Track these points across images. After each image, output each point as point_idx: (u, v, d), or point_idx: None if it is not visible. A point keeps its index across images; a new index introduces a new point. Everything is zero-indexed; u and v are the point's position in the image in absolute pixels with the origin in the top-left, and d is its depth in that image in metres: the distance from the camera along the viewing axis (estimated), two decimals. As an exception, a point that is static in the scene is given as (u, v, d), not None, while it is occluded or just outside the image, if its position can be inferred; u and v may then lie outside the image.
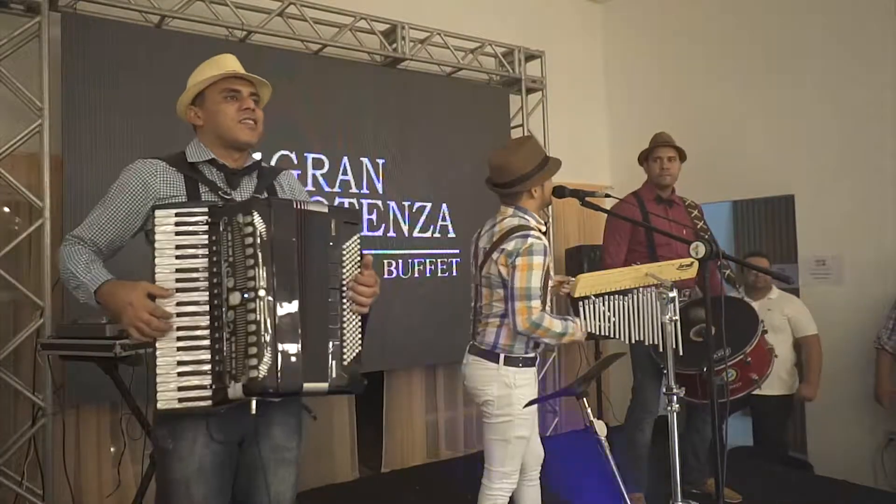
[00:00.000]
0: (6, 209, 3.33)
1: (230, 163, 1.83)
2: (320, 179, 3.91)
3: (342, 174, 4.00)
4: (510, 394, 2.41)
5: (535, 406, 2.46)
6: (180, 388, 1.56)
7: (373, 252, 4.13)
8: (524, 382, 2.44)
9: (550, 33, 5.31)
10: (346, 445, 4.17)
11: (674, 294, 2.27)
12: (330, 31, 4.05)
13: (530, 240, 2.35)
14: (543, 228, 2.51)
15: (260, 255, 1.58)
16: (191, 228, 1.61)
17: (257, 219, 1.59)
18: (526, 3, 5.30)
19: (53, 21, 3.19)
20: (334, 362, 1.66)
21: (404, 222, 4.24)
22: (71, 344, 2.60)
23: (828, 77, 4.21)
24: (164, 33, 3.53)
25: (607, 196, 3.01)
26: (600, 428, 2.08)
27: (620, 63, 5.70)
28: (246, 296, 1.57)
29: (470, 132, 4.51)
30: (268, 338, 1.55)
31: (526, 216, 2.47)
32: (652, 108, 5.25)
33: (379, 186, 4.14)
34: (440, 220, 4.39)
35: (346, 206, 3.86)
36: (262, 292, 1.56)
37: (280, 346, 1.56)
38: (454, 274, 4.38)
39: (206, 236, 1.62)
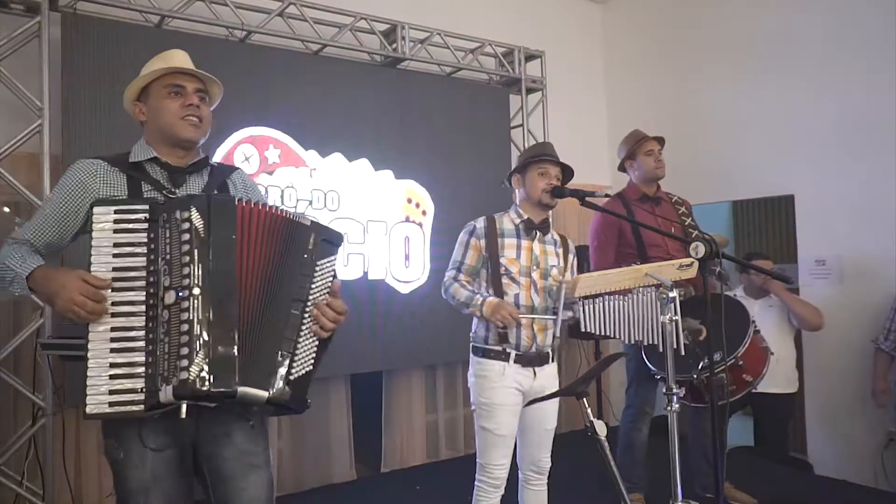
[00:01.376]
0: (6, 209, 3.33)
1: (174, 161, 1.77)
2: (320, 179, 3.92)
3: (342, 174, 4.00)
4: (473, 382, 2.54)
5: (512, 403, 2.45)
6: (112, 392, 1.49)
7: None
8: (484, 373, 2.50)
9: (550, 33, 5.31)
10: (344, 446, 4.17)
11: (674, 294, 2.27)
12: (330, 31, 4.05)
13: (469, 222, 2.63)
14: (518, 221, 2.59)
15: (197, 251, 1.52)
16: (130, 226, 1.56)
17: (195, 215, 1.54)
18: (526, 3, 5.30)
19: (53, 21, 3.19)
20: (280, 371, 1.58)
21: (404, 222, 4.24)
22: (71, 344, 2.60)
23: (828, 77, 4.21)
24: (164, 33, 3.53)
25: (607, 196, 3.01)
26: (600, 428, 2.07)
27: (620, 63, 5.70)
28: (180, 294, 1.51)
29: (470, 132, 4.51)
30: (200, 338, 1.49)
31: (510, 209, 2.66)
32: (652, 108, 5.25)
33: (379, 186, 4.14)
34: (440, 219, 4.38)
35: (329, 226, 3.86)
36: (196, 290, 1.50)
37: (213, 347, 1.49)
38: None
39: (145, 234, 1.56)
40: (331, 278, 1.71)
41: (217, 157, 3.48)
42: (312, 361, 1.65)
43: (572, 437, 2.70)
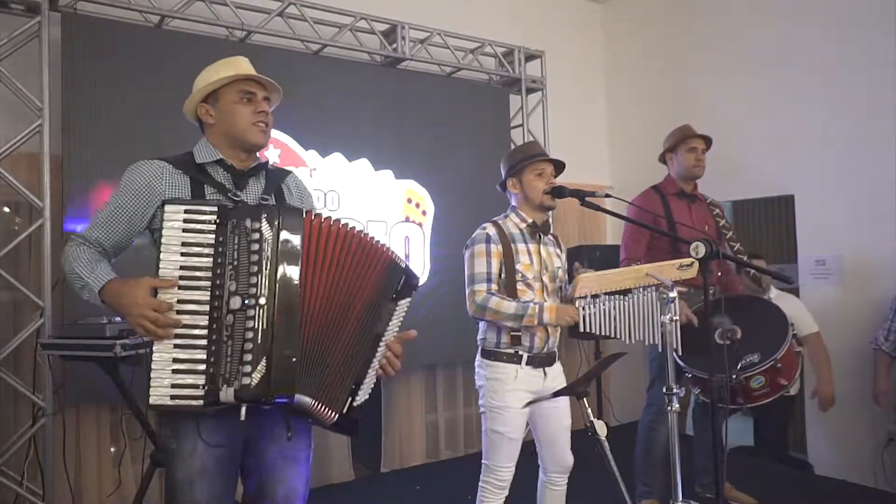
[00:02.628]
0: (6, 209, 3.33)
1: (237, 163, 1.82)
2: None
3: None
4: (484, 385, 2.52)
5: (521, 406, 2.45)
6: (173, 385, 1.55)
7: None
8: (496, 376, 2.48)
9: (550, 33, 5.31)
10: (343, 446, 4.17)
11: (674, 294, 2.27)
12: (330, 31, 4.05)
13: (476, 231, 2.55)
14: (523, 225, 2.57)
15: (265, 262, 1.58)
16: (199, 227, 1.60)
17: (265, 226, 1.59)
18: (526, 3, 5.30)
19: (53, 21, 3.19)
20: (350, 399, 1.70)
21: (404, 222, 4.24)
22: (71, 344, 2.60)
23: (828, 77, 4.21)
24: (164, 33, 3.53)
25: (607, 196, 3.00)
26: (600, 428, 2.07)
27: (620, 63, 5.70)
28: (247, 301, 1.56)
29: (470, 132, 4.51)
30: (264, 347, 1.55)
31: (509, 213, 2.62)
32: (652, 108, 5.25)
33: (379, 186, 4.14)
34: (440, 219, 4.38)
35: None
36: (262, 300, 1.56)
37: (276, 356, 1.56)
38: (454, 274, 4.37)
39: (213, 236, 1.60)
40: (403, 317, 1.84)
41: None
42: (371, 390, 1.78)
43: (572, 437, 2.68)
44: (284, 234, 1.61)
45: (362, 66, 4.22)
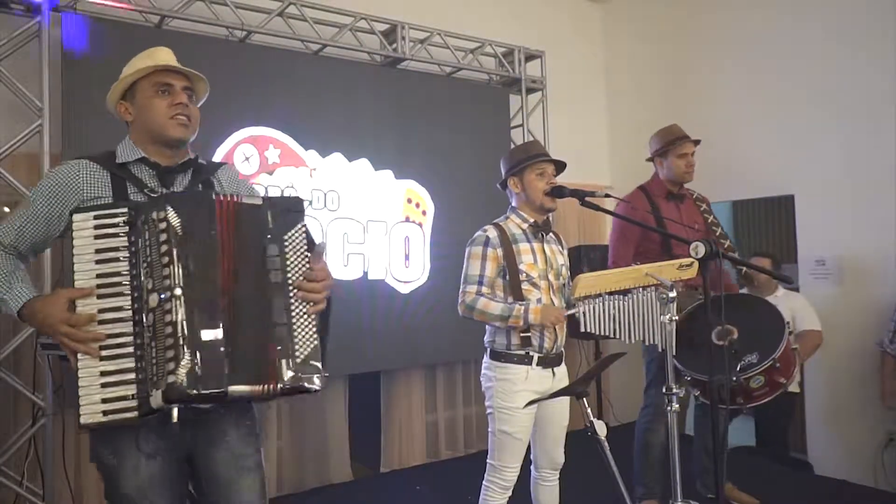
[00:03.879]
0: (6, 209, 3.33)
1: (163, 160, 1.72)
2: (320, 179, 3.92)
3: (342, 174, 4.00)
4: (492, 387, 2.52)
5: (533, 409, 2.45)
6: (104, 401, 1.46)
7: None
8: (505, 377, 2.48)
9: (550, 33, 5.31)
10: (343, 446, 4.17)
11: (674, 294, 2.27)
12: (330, 31, 4.05)
13: (477, 233, 2.56)
14: (525, 225, 2.56)
15: (175, 251, 1.48)
16: (110, 231, 1.52)
17: (171, 214, 1.50)
18: (526, 3, 5.30)
19: (53, 21, 3.19)
20: (284, 361, 1.54)
21: (404, 222, 4.24)
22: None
23: (828, 77, 4.21)
24: (164, 33, 3.53)
25: (607, 196, 3.00)
26: (600, 428, 2.08)
27: (620, 63, 5.70)
28: (162, 296, 1.47)
29: (470, 132, 4.51)
30: (185, 340, 1.45)
31: (510, 214, 2.62)
32: (652, 109, 5.25)
33: (379, 186, 4.14)
34: (440, 219, 4.38)
35: (285, 194, 3.58)
36: (177, 291, 1.47)
37: (199, 347, 1.46)
38: (454, 274, 4.37)
39: (126, 238, 1.52)
40: (304, 248, 1.63)
41: (217, 157, 3.48)
42: (316, 336, 1.59)
43: (572, 437, 2.68)
44: (192, 219, 1.52)
45: (362, 66, 4.22)
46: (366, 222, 4.05)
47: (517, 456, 2.49)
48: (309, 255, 1.63)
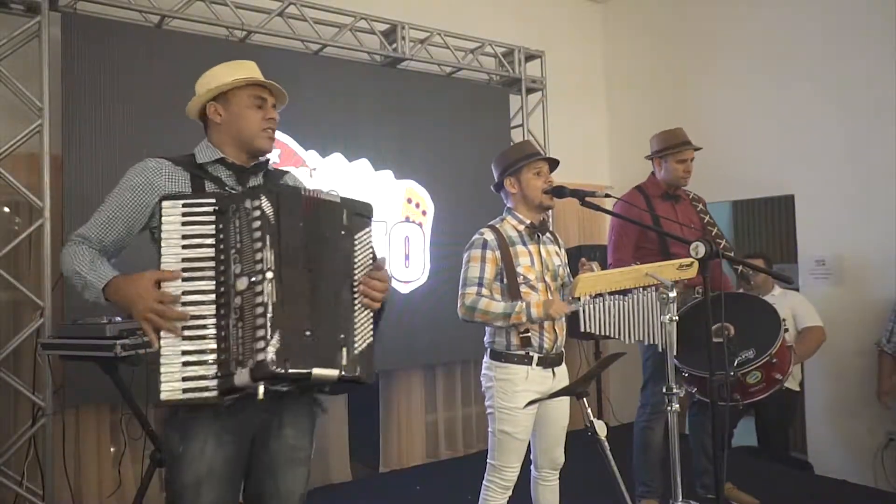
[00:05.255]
0: (6, 209, 3.33)
1: (239, 162, 1.83)
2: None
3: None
4: (492, 386, 2.51)
5: (533, 409, 2.45)
6: (185, 379, 1.52)
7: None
8: (505, 377, 2.48)
9: (550, 33, 5.31)
10: (342, 446, 4.17)
11: (674, 294, 2.27)
12: (330, 31, 4.05)
13: (474, 237, 2.56)
14: (521, 227, 2.56)
15: (268, 237, 1.55)
16: (198, 218, 1.60)
17: (265, 203, 1.57)
18: (526, 3, 5.30)
19: (53, 21, 3.19)
20: (345, 350, 1.62)
21: (404, 222, 4.24)
22: (71, 344, 2.60)
23: (828, 77, 4.21)
24: (164, 33, 3.54)
25: (607, 196, 3.00)
26: (600, 428, 2.08)
27: (620, 63, 5.70)
28: (253, 279, 1.53)
29: (470, 132, 4.51)
30: (276, 319, 1.50)
31: (506, 215, 2.62)
32: (652, 109, 5.25)
33: (379, 186, 4.14)
34: (440, 219, 4.38)
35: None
36: (269, 274, 1.53)
37: (288, 329, 1.52)
38: (454, 274, 4.37)
39: (213, 226, 1.60)
40: (371, 249, 1.75)
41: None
42: (371, 334, 1.70)
43: (572, 437, 2.69)
44: (284, 209, 1.59)
45: (362, 66, 4.22)
46: (366, 222, 4.05)
47: (517, 456, 2.49)
48: (374, 257, 1.76)
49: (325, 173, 3.92)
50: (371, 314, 1.72)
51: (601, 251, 4.79)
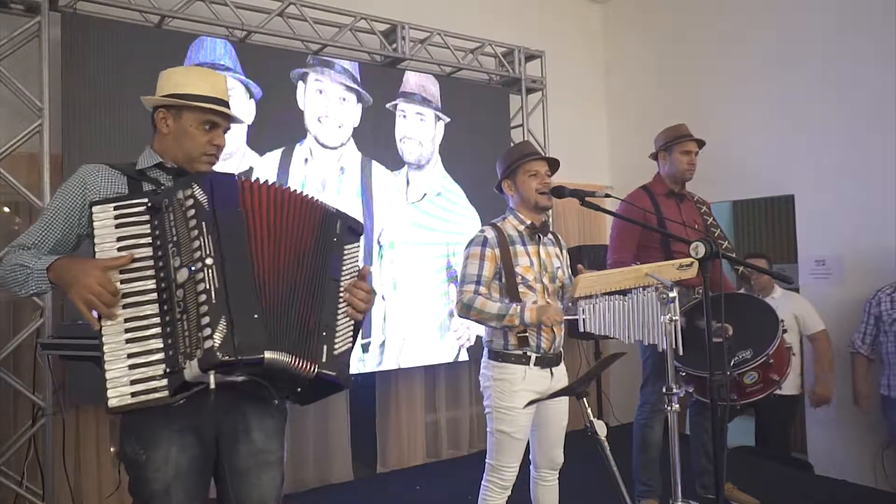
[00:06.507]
0: (6, 209, 3.33)
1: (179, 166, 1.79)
2: (320, 179, 3.91)
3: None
4: (489, 386, 2.52)
5: (531, 409, 2.45)
6: (133, 382, 1.46)
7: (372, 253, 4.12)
8: (504, 377, 2.48)
9: (550, 33, 5.31)
10: (343, 445, 4.17)
11: (674, 294, 2.27)
12: (330, 31, 4.05)
13: (475, 234, 2.57)
14: (522, 227, 2.56)
15: (204, 224, 1.51)
16: (131, 219, 1.55)
17: (198, 191, 1.55)
18: (526, 3, 5.30)
19: (53, 21, 3.19)
20: (325, 347, 1.61)
21: (404, 222, 4.24)
22: (71, 344, 2.61)
23: (828, 77, 4.21)
24: (164, 33, 3.53)
25: (607, 196, 3.00)
26: (600, 428, 2.07)
27: (620, 63, 5.70)
28: (193, 268, 1.49)
29: (470, 132, 4.51)
30: (219, 305, 1.45)
31: (507, 215, 2.62)
32: (652, 109, 5.25)
33: (379, 186, 4.14)
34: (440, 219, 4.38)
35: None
36: (209, 260, 1.48)
37: (235, 314, 1.46)
38: (454, 273, 4.38)
39: (149, 224, 1.55)
40: (357, 262, 1.78)
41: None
42: (351, 340, 1.70)
43: (572, 437, 2.68)
44: (218, 196, 1.57)
45: (362, 66, 4.21)
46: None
47: (516, 456, 2.49)
48: (360, 269, 1.80)
49: (325, 173, 3.92)
50: (352, 323, 1.73)
51: (602, 251, 4.78)
